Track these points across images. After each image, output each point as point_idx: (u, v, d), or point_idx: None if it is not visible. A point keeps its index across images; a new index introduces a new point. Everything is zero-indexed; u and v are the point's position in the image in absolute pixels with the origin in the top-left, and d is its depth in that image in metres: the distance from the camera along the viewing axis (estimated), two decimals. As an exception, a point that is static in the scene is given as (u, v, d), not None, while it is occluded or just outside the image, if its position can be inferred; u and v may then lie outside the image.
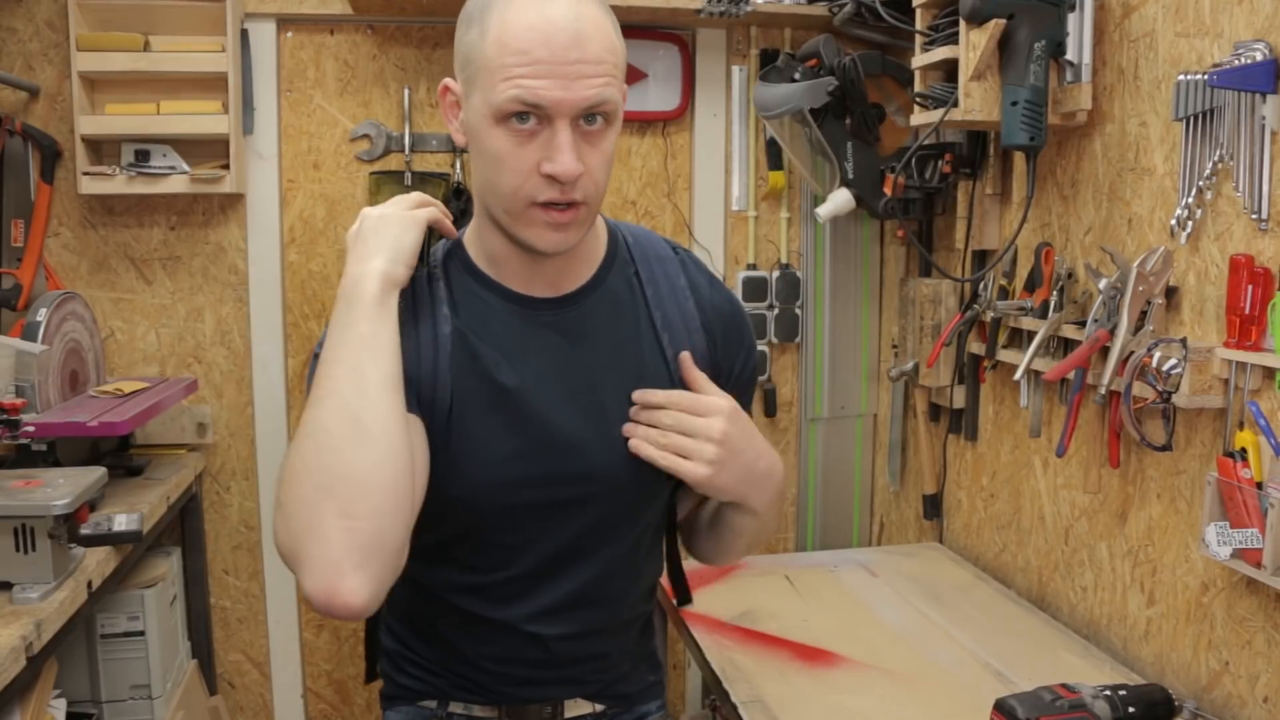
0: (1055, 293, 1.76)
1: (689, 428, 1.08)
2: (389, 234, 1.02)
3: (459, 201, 2.31)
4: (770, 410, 2.56)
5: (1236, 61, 1.35)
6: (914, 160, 2.06)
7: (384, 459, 0.94)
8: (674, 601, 1.39)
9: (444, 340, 1.08)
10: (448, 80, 1.07)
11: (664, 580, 1.33)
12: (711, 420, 1.08)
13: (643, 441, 1.10)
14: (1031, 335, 1.79)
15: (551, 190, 0.99)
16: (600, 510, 1.13)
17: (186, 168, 2.20)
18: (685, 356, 1.14)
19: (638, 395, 1.11)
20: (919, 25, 1.89)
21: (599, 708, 1.23)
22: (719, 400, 1.10)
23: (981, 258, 2.07)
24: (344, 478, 0.92)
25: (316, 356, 1.03)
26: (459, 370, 1.08)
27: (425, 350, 1.07)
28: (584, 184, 1.00)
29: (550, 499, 1.10)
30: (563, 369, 1.10)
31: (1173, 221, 1.51)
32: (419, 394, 1.06)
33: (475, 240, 1.13)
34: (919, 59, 1.87)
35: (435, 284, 1.11)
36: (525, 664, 1.17)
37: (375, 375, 0.96)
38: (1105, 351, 1.56)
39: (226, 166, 2.21)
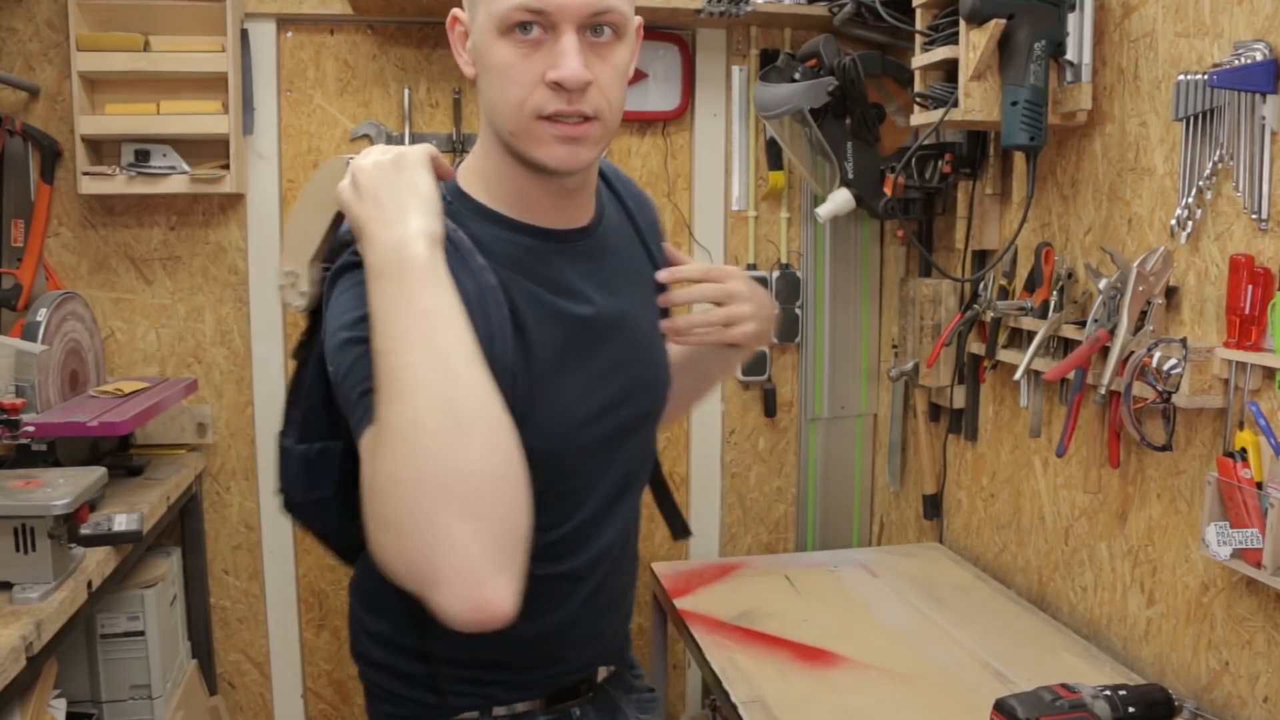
0: (1055, 293, 1.76)
1: (718, 294, 1.14)
2: (403, 184, 0.92)
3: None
4: (770, 410, 2.56)
5: (1236, 61, 1.35)
6: (914, 160, 2.06)
7: (495, 443, 0.83)
8: (673, 538, 1.35)
9: (491, 291, 0.98)
10: (455, 10, 1.03)
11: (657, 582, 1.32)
12: (733, 283, 1.15)
13: (695, 331, 1.15)
14: (1031, 335, 1.79)
15: (558, 101, 0.95)
16: (646, 430, 1.15)
17: (186, 168, 2.20)
18: (669, 246, 1.21)
19: (665, 274, 1.16)
20: (919, 25, 1.89)
21: (611, 668, 1.22)
22: (725, 266, 1.18)
23: (981, 258, 2.07)
24: (460, 476, 0.81)
25: (350, 341, 0.91)
26: (526, 316, 1.00)
27: (474, 307, 0.94)
28: (593, 96, 0.96)
29: (616, 426, 1.09)
30: (607, 295, 1.09)
31: (1173, 221, 1.51)
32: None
33: (488, 187, 1.06)
34: (919, 59, 1.88)
35: (454, 233, 1.00)
36: (574, 623, 1.12)
37: (457, 352, 0.85)
38: (1105, 351, 1.56)
39: (226, 166, 2.21)
